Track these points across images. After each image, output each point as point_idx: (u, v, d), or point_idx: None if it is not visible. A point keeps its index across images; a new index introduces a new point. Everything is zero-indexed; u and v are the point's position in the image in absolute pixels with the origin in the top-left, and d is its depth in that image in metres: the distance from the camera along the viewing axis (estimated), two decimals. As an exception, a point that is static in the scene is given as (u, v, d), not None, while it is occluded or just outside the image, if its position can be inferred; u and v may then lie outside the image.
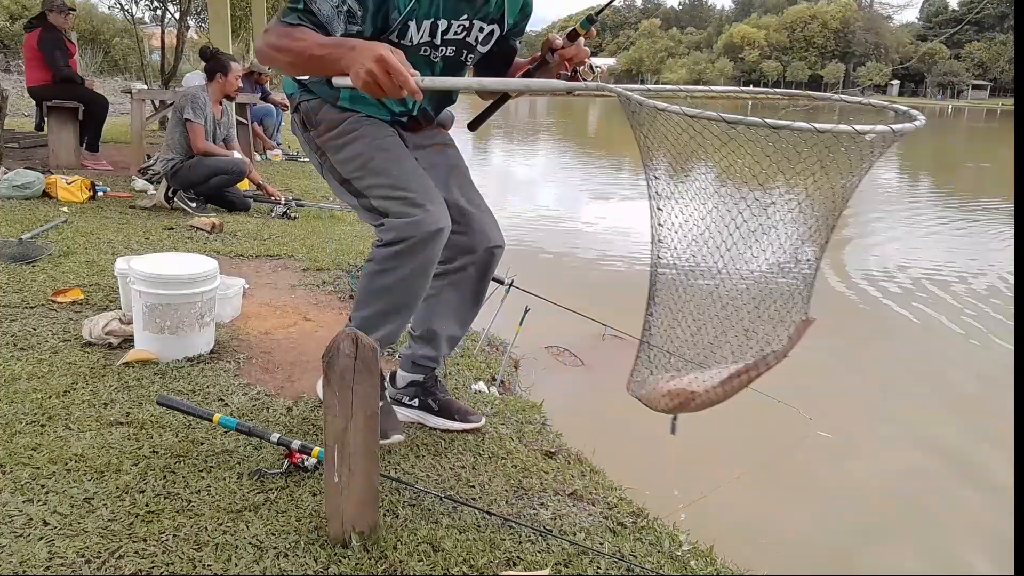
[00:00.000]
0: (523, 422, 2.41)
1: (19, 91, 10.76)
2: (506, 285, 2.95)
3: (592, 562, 1.67)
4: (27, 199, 5.09)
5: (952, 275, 6.78)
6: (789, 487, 3.21)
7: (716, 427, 3.67)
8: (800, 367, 4.60)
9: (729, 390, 1.37)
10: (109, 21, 26.06)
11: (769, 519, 2.94)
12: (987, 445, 3.60)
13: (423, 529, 1.70)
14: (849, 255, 7.73)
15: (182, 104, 5.18)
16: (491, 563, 1.61)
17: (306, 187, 6.81)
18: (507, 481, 1.99)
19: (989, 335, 5.13)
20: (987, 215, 10.34)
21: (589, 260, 7.17)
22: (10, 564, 1.47)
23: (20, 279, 3.33)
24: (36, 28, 6.52)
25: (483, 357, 2.98)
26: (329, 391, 1.50)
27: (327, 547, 1.59)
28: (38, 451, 1.89)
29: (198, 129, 5.17)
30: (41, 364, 2.43)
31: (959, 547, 2.87)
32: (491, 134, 23.36)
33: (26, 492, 1.71)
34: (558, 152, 19.00)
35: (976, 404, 4.10)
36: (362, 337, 1.48)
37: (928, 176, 16.55)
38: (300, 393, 2.40)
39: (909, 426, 3.83)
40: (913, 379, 4.46)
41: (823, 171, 1.21)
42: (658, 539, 1.82)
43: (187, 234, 4.51)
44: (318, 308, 3.40)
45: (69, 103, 6.40)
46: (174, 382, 2.39)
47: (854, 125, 1.16)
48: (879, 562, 2.71)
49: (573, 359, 4.05)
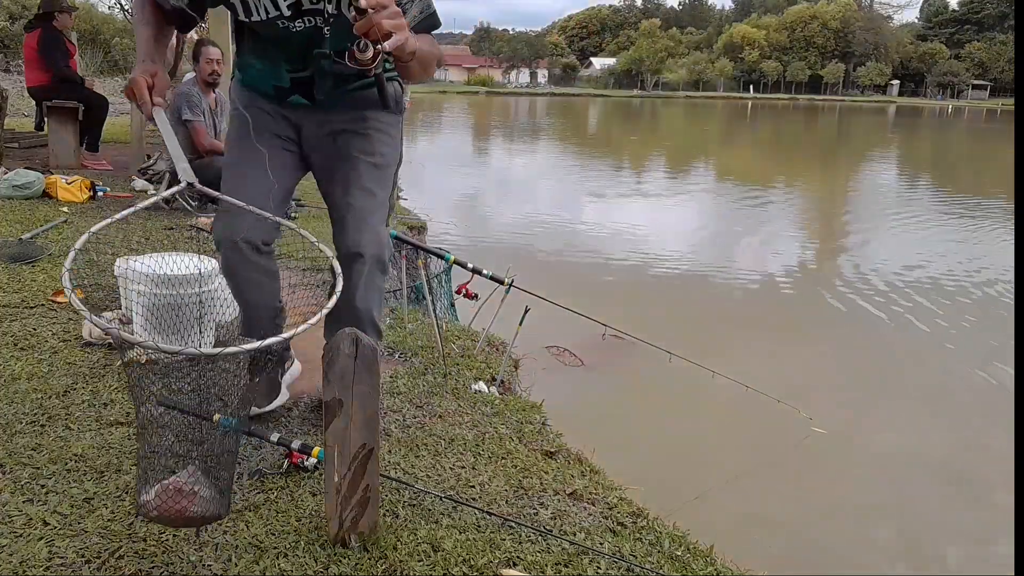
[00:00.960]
0: (523, 422, 2.41)
1: (19, 91, 10.75)
2: (506, 285, 2.95)
3: (592, 562, 1.67)
4: (27, 199, 5.08)
5: (954, 276, 6.77)
6: (789, 487, 3.21)
7: (716, 427, 3.68)
8: (800, 367, 4.60)
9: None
10: (109, 21, 26.02)
11: (769, 519, 2.94)
12: (984, 446, 3.60)
13: (423, 529, 1.70)
14: (849, 255, 7.73)
15: (178, 105, 5.18)
16: (491, 563, 1.61)
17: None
18: (507, 481, 1.99)
19: (988, 335, 5.13)
20: (987, 215, 10.33)
21: (589, 260, 7.17)
22: (10, 564, 1.47)
23: (20, 279, 3.33)
24: (36, 28, 6.51)
25: (483, 357, 2.98)
26: (329, 391, 1.50)
27: (327, 547, 1.59)
28: (38, 451, 1.89)
29: (200, 128, 5.17)
30: (41, 364, 2.43)
31: (956, 547, 2.87)
32: (491, 134, 23.34)
33: (26, 492, 1.71)
34: (558, 152, 18.98)
35: (976, 404, 4.10)
36: (362, 337, 1.48)
37: (928, 176, 16.55)
38: (300, 393, 2.40)
39: (909, 426, 3.83)
40: (912, 378, 4.46)
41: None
42: (658, 539, 1.82)
43: (187, 234, 4.51)
44: (318, 308, 3.39)
45: (69, 103, 6.39)
46: (174, 382, 2.38)
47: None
48: (880, 562, 2.71)
49: (573, 359, 4.05)
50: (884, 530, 2.91)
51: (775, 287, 6.36)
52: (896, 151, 22.40)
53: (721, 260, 7.27)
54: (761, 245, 8.10)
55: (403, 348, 2.91)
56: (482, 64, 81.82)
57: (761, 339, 5.06)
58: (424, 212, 7.21)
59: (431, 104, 39.50)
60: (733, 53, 74.74)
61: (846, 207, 11.58)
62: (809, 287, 6.55)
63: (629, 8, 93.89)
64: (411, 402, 2.43)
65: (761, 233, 8.81)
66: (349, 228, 1.87)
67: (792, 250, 7.92)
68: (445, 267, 3.39)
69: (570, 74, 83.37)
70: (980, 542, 2.88)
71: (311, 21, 1.74)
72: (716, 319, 5.57)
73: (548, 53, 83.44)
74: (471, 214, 9.40)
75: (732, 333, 5.17)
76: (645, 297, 6.04)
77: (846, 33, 72.21)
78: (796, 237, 8.75)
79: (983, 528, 2.96)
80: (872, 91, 73.92)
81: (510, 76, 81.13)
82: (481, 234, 8.02)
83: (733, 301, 5.96)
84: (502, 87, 74.05)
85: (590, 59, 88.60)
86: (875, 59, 72.11)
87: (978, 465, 3.42)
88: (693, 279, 6.58)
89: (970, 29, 74.48)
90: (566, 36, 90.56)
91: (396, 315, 3.33)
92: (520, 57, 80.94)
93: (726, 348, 4.78)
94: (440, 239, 6.88)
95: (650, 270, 6.85)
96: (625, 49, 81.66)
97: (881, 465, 3.43)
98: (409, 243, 3.15)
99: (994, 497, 3.12)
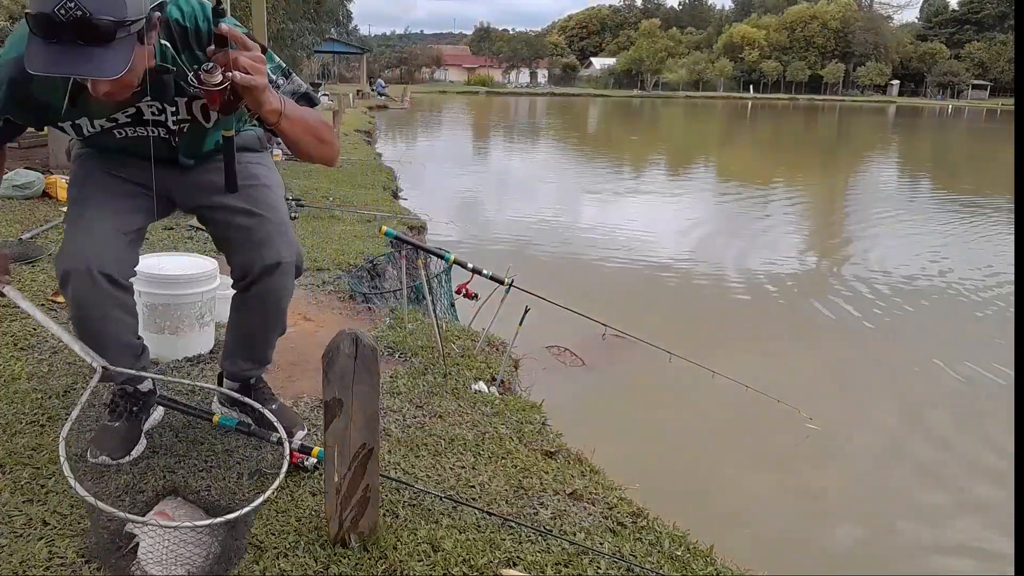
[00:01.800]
0: (523, 422, 2.41)
1: (19, 91, 10.76)
2: (506, 285, 2.94)
3: (592, 562, 1.67)
4: (27, 199, 5.09)
5: (954, 275, 6.77)
6: (789, 487, 3.21)
7: (716, 427, 3.68)
8: (800, 367, 4.60)
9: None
10: (109, 21, 26.03)
11: (769, 518, 2.94)
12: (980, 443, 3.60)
13: (423, 529, 1.70)
14: (849, 255, 7.73)
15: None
16: (491, 563, 1.61)
17: (306, 187, 6.82)
18: (507, 481, 1.99)
19: (988, 335, 5.13)
20: (987, 214, 10.33)
21: (589, 260, 7.17)
22: (10, 564, 1.47)
23: (20, 279, 3.33)
24: (36, 28, 6.52)
25: (483, 357, 2.98)
26: (329, 391, 1.50)
27: (327, 547, 1.59)
28: (38, 451, 1.89)
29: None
30: (41, 364, 2.43)
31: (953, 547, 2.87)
32: (490, 134, 23.34)
33: (26, 492, 1.71)
34: (558, 152, 18.98)
35: (974, 405, 4.10)
36: (362, 337, 1.48)
37: (928, 176, 16.54)
38: (300, 393, 2.40)
39: (910, 425, 3.83)
40: (913, 378, 4.46)
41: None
42: (658, 539, 1.82)
43: (187, 234, 4.51)
44: (318, 308, 3.40)
45: (69, 103, 6.40)
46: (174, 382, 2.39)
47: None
48: (879, 562, 2.72)
49: (573, 359, 4.05)
50: (885, 530, 2.91)
51: (776, 287, 6.36)
52: (896, 151, 22.39)
53: (721, 260, 7.27)
54: (761, 245, 8.10)
55: (403, 348, 2.91)
56: (482, 64, 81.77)
57: (762, 339, 5.06)
58: (424, 212, 7.21)
59: (431, 104, 39.50)
60: (733, 53, 74.68)
61: (846, 207, 11.58)
62: (810, 287, 6.55)
63: (629, 8, 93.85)
64: (411, 402, 2.43)
65: (761, 233, 8.81)
66: (267, 241, 1.80)
67: (793, 250, 7.91)
68: (445, 267, 3.39)
69: (570, 74, 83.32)
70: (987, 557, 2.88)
71: (155, 131, 1.69)
72: (716, 319, 5.57)
73: (548, 53, 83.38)
74: (471, 214, 9.41)
75: (732, 333, 5.17)
76: (645, 297, 6.05)
77: (846, 33, 72.17)
78: (796, 237, 8.75)
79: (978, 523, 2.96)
80: (872, 91, 73.88)
81: (510, 76, 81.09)
82: (481, 234, 8.02)
83: (733, 301, 5.96)
84: (502, 87, 74.00)
85: (590, 59, 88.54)
86: (875, 59, 72.08)
87: (976, 465, 3.43)
88: (693, 279, 6.59)
89: (970, 29, 74.43)
90: (566, 36, 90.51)
91: (396, 315, 3.33)
92: (520, 57, 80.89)
93: (726, 348, 4.78)
94: (440, 239, 6.88)
95: (650, 270, 6.85)
96: (625, 49, 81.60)
97: (881, 465, 3.43)
98: (409, 243, 3.15)
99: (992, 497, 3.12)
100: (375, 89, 38.50)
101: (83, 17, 1.29)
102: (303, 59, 28.46)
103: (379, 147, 14.24)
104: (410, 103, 34.19)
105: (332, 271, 3.99)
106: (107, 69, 1.34)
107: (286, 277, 1.84)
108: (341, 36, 36.28)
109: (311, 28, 18.11)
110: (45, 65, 1.32)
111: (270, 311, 1.91)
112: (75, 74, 1.36)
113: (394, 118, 25.55)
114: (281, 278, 1.83)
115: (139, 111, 1.65)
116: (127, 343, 1.81)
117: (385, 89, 39.20)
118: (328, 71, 50.73)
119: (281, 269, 1.81)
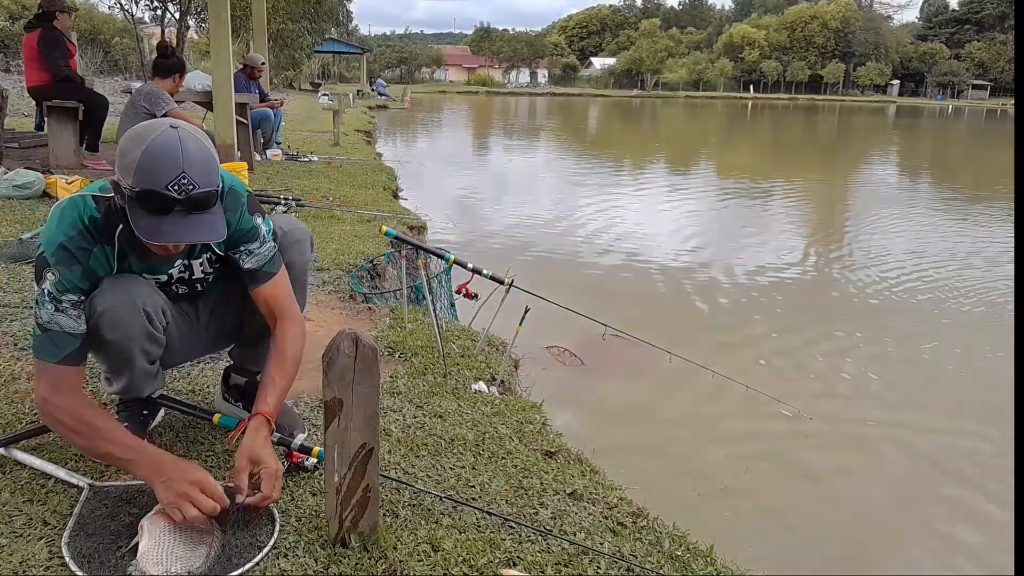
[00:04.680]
0: (523, 422, 2.41)
1: (19, 91, 10.75)
2: (506, 285, 2.94)
3: (592, 562, 1.67)
4: (27, 199, 5.08)
5: (953, 275, 6.77)
6: (789, 486, 3.21)
7: (716, 427, 3.68)
8: (801, 367, 4.60)
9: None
10: (109, 21, 26.04)
11: (769, 518, 2.94)
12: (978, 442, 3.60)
13: (423, 529, 1.70)
14: (849, 255, 7.73)
15: (145, 105, 5.23)
16: (491, 563, 1.61)
17: (306, 187, 6.81)
18: (507, 481, 1.99)
19: (987, 334, 5.13)
20: (987, 214, 10.33)
21: (589, 260, 7.17)
22: (10, 564, 1.47)
23: (20, 279, 3.33)
24: (36, 28, 6.51)
25: (483, 357, 2.98)
26: (329, 391, 1.49)
27: (327, 547, 1.59)
28: (38, 451, 1.89)
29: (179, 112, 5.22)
30: (41, 364, 2.43)
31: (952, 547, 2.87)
32: (490, 134, 23.34)
33: (26, 492, 1.71)
34: (558, 152, 18.98)
35: (973, 404, 4.10)
36: (362, 337, 1.48)
37: (928, 175, 16.54)
38: (300, 393, 2.40)
39: (910, 426, 3.83)
40: (914, 379, 4.46)
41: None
42: (658, 539, 1.82)
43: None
44: (318, 308, 3.40)
45: (69, 103, 6.39)
46: (174, 382, 2.39)
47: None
48: (879, 561, 2.71)
49: (573, 359, 4.05)
50: (884, 530, 2.91)
51: (776, 286, 6.36)
52: (896, 151, 22.39)
53: (722, 260, 7.27)
54: (762, 244, 8.11)
55: (403, 348, 2.91)
56: (482, 64, 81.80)
57: (762, 339, 5.06)
58: (424, 212, 7.21)
59: (431, 104, 39.50)
60: (733, 53, 74.72)
61: (846, 206, 11.59)
62: (810, 287, 6.55)
63: (629, 8, 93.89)
64: (411, 402, 2.43)
65: (762, 232, 8.81)
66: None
67: (793, 250, 7.91)
68: (445, 267, 3.39)
69: (570, 74, 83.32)
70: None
71: (187, 288, 1.85)
72: (716, 319, 5.57)
73: (548, 53, 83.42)
74: (471, 214, 9.40)
75: (732, 333, 5.17)
76: (645, 297, 6.05)
77: (846, 33, 72.21)
78: (796, 237, 8.75)
79: (974, 522, 2.96)
80: (872, 91, 73.91)
81: (510, 76, 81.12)
82: (481, 234, 8.02)
83: (734, 301, 5.96)
84: (502, 87, 73.98)
85: (590, 59, 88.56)
86: (875, 59, 72.13)
87: (978, 466, 3.42)
88: (694, 279, 6.58)
89: (970, 29, 74.47)
90: (566, 36, 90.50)
91: (396, 315, 3.33)
92: (520, 57, 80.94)
93: (726, 348, 4.78)
94: (440, 239, 6.88)
95: (650, 270, 6.85)
96: (625, 49, 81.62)
97: (882, 465, 3.43)
98: (409, 243, 3.15)
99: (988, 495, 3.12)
100: (375, 89, 38.47)
101: (194, 191, 1.46)
102: (303, 59, 28.44)
103: (379, 147, 14.23)
104: (410, 103, 34.16)
105: (332, 271, 3.99)
106: (217, 231, 1.53)
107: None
108: (341, 36, 36.30)
109: (311, 28, 18.08)
110: (167, 236, 1.48)
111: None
112: (195, 241, 1.55)
113: (394, 118, 25.54)
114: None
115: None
116: (150, 371, 1.86)
117: (386, 89, 39.17)
118: (328, 71, 50.77)
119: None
